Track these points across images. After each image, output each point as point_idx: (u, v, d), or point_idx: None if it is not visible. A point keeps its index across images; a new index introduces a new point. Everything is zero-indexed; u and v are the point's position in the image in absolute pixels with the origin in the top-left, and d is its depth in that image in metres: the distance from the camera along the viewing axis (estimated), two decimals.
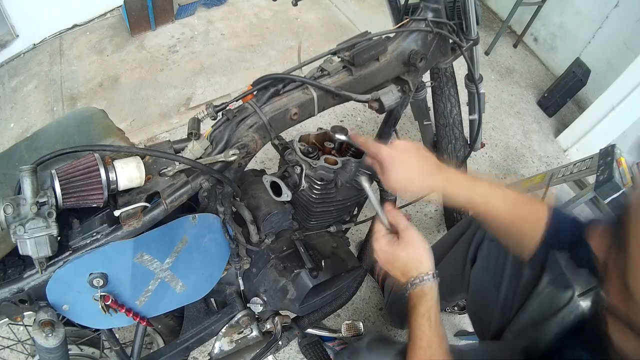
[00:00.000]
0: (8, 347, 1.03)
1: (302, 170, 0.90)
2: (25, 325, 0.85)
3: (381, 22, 2.66)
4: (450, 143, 1.47)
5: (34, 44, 2.41)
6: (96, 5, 2.54)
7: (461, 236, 1.06)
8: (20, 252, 0.62)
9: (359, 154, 0.95)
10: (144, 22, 2.44)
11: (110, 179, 0.68)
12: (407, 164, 0.75)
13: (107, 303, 0.72)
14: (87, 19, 2.53)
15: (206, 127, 0.79)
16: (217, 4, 2.71)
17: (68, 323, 0.77)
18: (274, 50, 2.50)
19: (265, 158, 1.96)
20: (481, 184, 0.77)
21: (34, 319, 0.67)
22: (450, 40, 0.98)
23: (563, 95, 2.35)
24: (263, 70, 2.36)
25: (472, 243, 0.99)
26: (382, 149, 0.77)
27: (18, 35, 2.31)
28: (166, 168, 0.74)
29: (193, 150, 0.75)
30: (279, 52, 2.49)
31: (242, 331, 1.07)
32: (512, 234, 0.78)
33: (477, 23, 1.03)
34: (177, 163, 0.73)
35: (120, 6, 2.43)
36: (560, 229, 0.75)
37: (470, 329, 1.50)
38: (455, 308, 1.52)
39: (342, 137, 0.92)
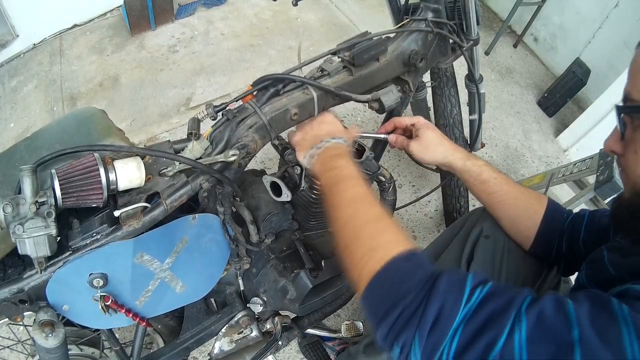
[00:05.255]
0: (8, 347, 1.03)
1: (302, 170, 0.90)
2: (25, 325, 0.85)
3: (381, 22, 2.66)
4: None
5: (34, 44, 2.41)
6: (96, 5, 2.54)
7: (454, 237, 1.07)
8: (20, 252, 0.62)
9: (359, 154, 0.95)
10: (144, 22, 2.44)
11: (110, 179, 0.68)
12: (438, 133, 0.90)
13: (107, 303, 0.72)
14: (87, 18, 2.54)
15: (206, 127, 0.79)
16: (217, 4, 2.71)
17: (68, 323, 0.77)
18: (274, 50, 2.50)
19: (265, 158, 1.96)
20: (492, 167, 0.88)
21: (34, 319, 0.67)
22: (451, 41, 0.98)
23: (563, 95, 2.35)
24: (263, 70, 2.36)
25: (467, 242, 0.99)
26: (420, 117, 0.93)
27: (18, 35, 2.31)
28: (166, 168, 0.74)
29: (193, 150, 0.75)
30: (279, 52, 2.49)
31: (242, 331, 1.07)
32: (512, 220, 0.86)
33: (477, 23, 1.03)
34: (177, 163, 0.73)
35: (120, 6, 2.43)
36: (554, 219, 0.83)
37: None
38: None
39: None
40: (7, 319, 0.72)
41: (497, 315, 0.47)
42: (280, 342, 1.15)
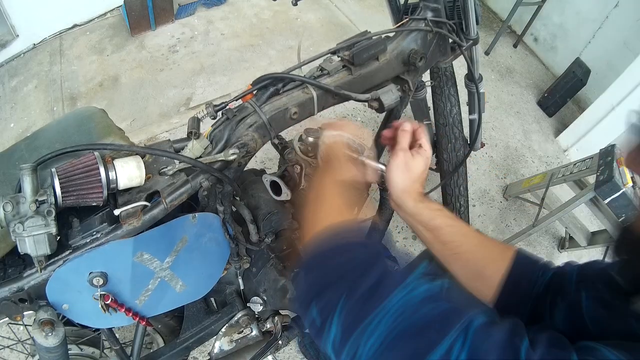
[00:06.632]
0: (8, 346, 1.03)
1: (301, 169, 0.90)
2: (25, 325, 0.85)
3: (381, 21, 2.66)
4: (450, 143, 1.47)
5: (34, 44, 2.41)
6: (96, 5, 2.54)
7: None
8: (20, 251, 0.62)
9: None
10: (144, 22, 2.44)
11: (110, 178, 0.68)
12: (412, 170, 0.72)
13: (107, 302, 0.72)
14: (87, 19, 2.54)
15: (206, 126, 0.79)
16: (217, 4, 2.71)
17: (68, 322, 0.77)
18: (274, 50, 2.50)
19: (265, 158, 1.96)
20: (449, 214, 0.72)
21: (34, 319, 0.67)
22: (450, 40, 0.98)
23: (563, 95, 2.35)
24: (263, 70, 2.36)
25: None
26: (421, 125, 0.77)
27: (18, 35, 2.32)
28: (166, 167, 0.74)
29: (193, 149, 0.75)
30: (279, 52, 2.49)
31: (242, 331, 1.07)
32: (472, 273, 0.70)
33: (477, 23, 1.03)
34: (177, 162, 0.73)
35: (120, 6, 2.43)
36: (522, 274, 0.67)
37: None
38: None
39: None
40: (7, 318, 0.72)
41: (438, 322, 0.43)
42: (280, 342, 1.15)
